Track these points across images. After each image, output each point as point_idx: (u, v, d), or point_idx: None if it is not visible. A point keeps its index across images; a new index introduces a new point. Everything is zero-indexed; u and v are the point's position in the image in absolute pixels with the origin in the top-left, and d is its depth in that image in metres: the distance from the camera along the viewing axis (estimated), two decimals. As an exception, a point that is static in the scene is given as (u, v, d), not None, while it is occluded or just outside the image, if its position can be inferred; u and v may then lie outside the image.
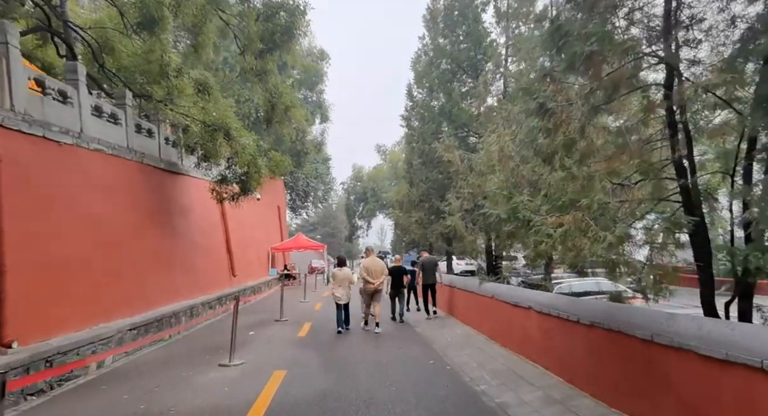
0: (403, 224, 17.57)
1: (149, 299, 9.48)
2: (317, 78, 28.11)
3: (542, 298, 5.78)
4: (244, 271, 18.36)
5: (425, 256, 11.19)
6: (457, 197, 9.04)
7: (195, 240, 13.21)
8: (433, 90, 12.07)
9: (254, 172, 11.78)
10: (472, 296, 8.70)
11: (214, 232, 15.29)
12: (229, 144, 11.24)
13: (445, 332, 8.99)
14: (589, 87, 4.40)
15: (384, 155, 46.02)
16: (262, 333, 9.74)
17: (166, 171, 11.92)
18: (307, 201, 38.81)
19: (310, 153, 29.48)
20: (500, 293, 7.08)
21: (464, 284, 9.47)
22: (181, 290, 11.42)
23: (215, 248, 15.00)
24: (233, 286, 16.03)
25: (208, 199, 12.57)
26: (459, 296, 9.75)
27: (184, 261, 12.06)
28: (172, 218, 11.85)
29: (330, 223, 62.61)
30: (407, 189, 13.19)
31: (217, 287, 14.11)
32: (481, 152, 8.42)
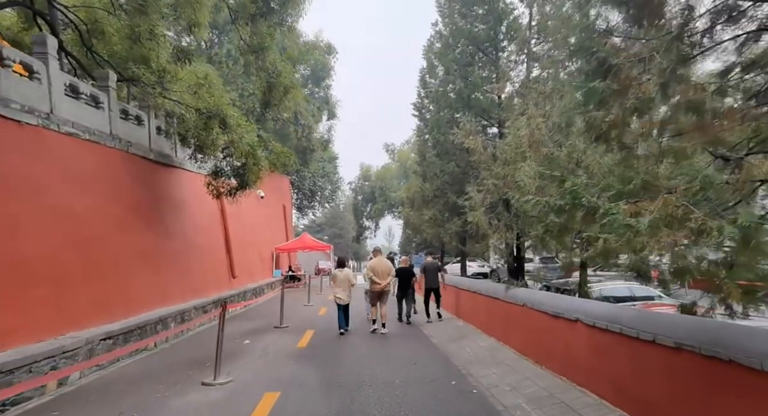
0: (414, 223, 16.46)
1: (132, 303, 8.47)
2: (324, 72, 27.14)
3: (596, 308, 4.64)
4: (245, 272, 17.36)
5: (427, 260, 11.10)
6: (479, 189, 7.92)
7: (190, 239, 12.22)
8: (450, 73, 10.91)
9: (253, 164, 10.75)
10: (496, 304, 7.56)
11: (212, 230, 14.30)
12: (226, 133, 10.23)
13: (466, 343, 7.86)
14: (678, 29, 3.27)
15: (393, 154, 44.93)
16: (258, 343, 8.69)
17: (157, 163, 10.94)
18: (314, 201, 37.83)
19: (316, 150, 28.49)
20: (536, 301, 5.94)
21: (486, 289, 8.34)
22: (172, 293, 10.41)
23: (213, 247, 14.01)
24: (232, 288, 15.02)
25: (205, 195, 11.58)
26: (480, 303, 8.62)
27: (177, 261, 11.06)
28: (163, 214, 10.86)
29: (337, 224, 61.69)
30: (419, 185, 12.11)
31: (214, 290, 13.10)
32: (508, 137, 7.29)
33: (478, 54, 10.46)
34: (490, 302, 7.95)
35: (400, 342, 8.51)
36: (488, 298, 8.09)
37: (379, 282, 9.24)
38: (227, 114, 10.24)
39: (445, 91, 11.06)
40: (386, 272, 9.42)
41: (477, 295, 8.87)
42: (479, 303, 8.71)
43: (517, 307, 6.56)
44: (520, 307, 6.44)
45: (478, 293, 8.77)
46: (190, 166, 12.24)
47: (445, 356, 7.21)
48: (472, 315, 9.33)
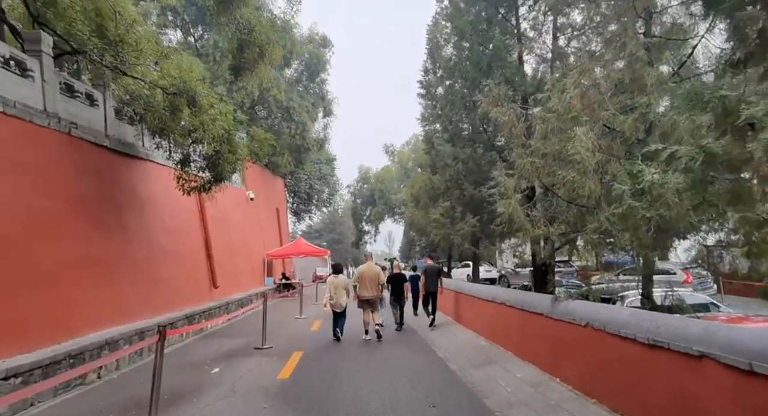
0: (419, 224, 14.67)
1: (67, 324, 6.66)
2: (319, 66, 25.46)
3: (745, 337, 2.81)
4: (231, 281, 15.53)
5: (428, 263, 10.83)
6: (508, 173, 6.15)
7: (159, 243, 10.42)
8: (465, 38, 9.09)
9: (228, 152, 8.98)
10: (537, 321, 5.76)
11: (189, 234, 12.50)
12: (195, 115, 8.47)
13: (496, 372, 6.03)
14: None
15: (392, 155, 43.17)
16: (229, 372, 6.85)
17: (116, 152, 9.17)
18: (311, 204, 36.02)
19: (311, 150, 26.72)
20: (612, 320, 4.11)
21: (518, 300, 6.53)
22: (132, 309, 8.60)
23: (189, 253, 12.20)
24: (214, 300, 13.18)
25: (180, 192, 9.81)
26: (511, 318, 6.80)
27: (139, 270, 9.26)
28: (122, 213, 9.08)
29: (336, 229, 59.94)
30: (427, 178, 10.36)
31: (189, 302, 11.27)
32: (551, 101, 5.54)
33: (496, 17, 8.73)
34: (526, 318, 6.14)
35: (409, 368, 6.69)
36: (522, 312, 6.27)
37: (366, 290, 8.96)
38: (197, 92, 8.50)
39: (460, 60, 9.25)
40: (374, 279, 9.08)
41: (503, 307, 7.06)
42: (508, 318, 6.90)
43: (576, 328, 4.75)
44: (582, 328, 4.63)
45: (506, 304, 6.96)
46: (160, 158, 10.48)
47: (471, 392, 5.38)
48: (496, 331, 7.51)
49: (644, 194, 4.29)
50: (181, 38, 24.28)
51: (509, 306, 6.79)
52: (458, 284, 10.93)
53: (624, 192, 4.30)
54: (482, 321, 8.32)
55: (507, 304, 6.90)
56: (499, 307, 7.22)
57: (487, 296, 7.98)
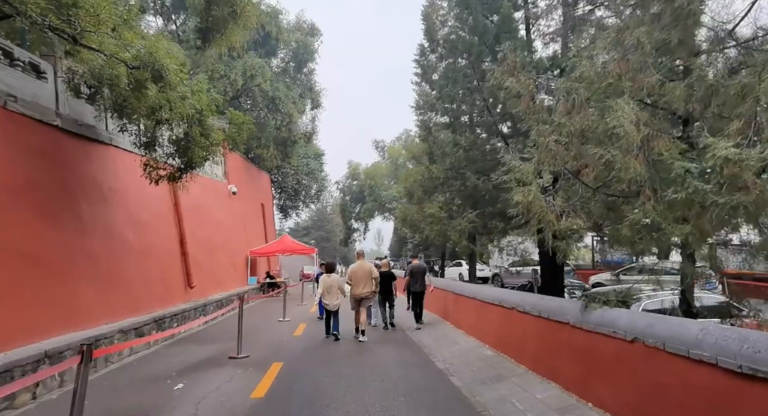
0: (412, 220, 13.69)
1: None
2: (307, 55, 24.30)
3: None
4: (209, 280, 14.42)
5: (415, 262, 10.62)
6: (524, 157, 5.22)
7: (124, 238, 9.30)
8: (468, 6, 8.05)
9: (200, 135, 7.90)
10: (561, 331, 4.84)
11: (161, 228, 11.37)
12: (161, 91, 7.37)
13: (509, 391, 5.10)
14: None
15: (382, 151, 42.15)
16: (195, 388, 5.82)
17: (70, 134, 8.04)
18: (298, 200, 34.83)
19: (298, 143, 25.56)
20: (688, 340, 3.16)
21: (534, 305, 5.60)
22: (88, 312, 7.50)
23: (161, 249, 11.07)
24: (189, 301, 12.07)
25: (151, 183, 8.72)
26: (526, 326, 5.87)
27: (99, 267, 8.14)
28: (79, 203, 7.95)
29: (324, 226, 58.85)
30: (424, 168, 9.41)
31: (160, 304, 10.16)
32: (579, 69, 4.62)
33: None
34: (546, 327, 5.21)
35: (406, 383, 5.73)
36: (540, 320, 5.35)
37: (359, 288, 8.83)
38: (164, 65, 7.39)
39: (463, 34, 8.24)
40: (366, 275, 8.91)
41: (514, 313, 6.13)
42: (521, 326, 5.97)
43: (618, 343, 3.83)
44: (627, 344, 3.71)
45: (518, 310, 6.03)
46: (127, 144, 9.34)
47: None
48: (505, 340, 6.59)
49: (712, 174, 3.39)
50: (162, 26, 22.95)
51: (522, 312, 5.86)
52: (457, 285, 10.01)
53: (687, 172, 3.38)
54: (486, 327, 7.39)
55: (519, 309, 5.96)
56: (510, 313, 6.29)
57: (493, 298, 7.04)
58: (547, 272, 8.46)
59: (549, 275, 8.40)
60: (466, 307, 8.59)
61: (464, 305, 8.75)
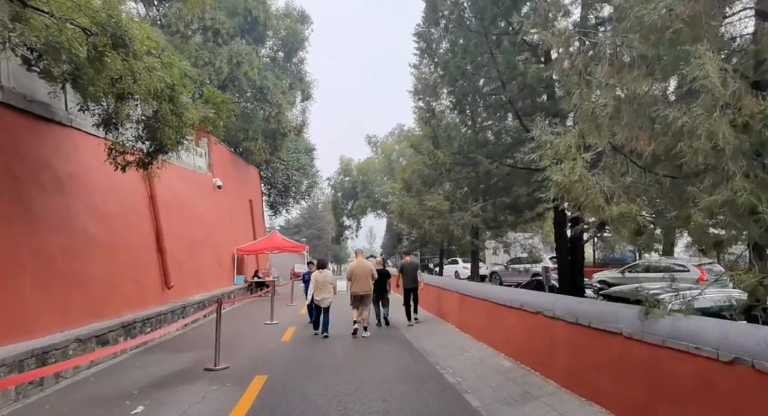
0: (410, 215, 12.72)
1: None
2: (297, 43, 23.16)
3: None
4: (191, 279, 13.33)
5: (407, 260, 10.64)
6: (556, 132, 4.26)
7: (87, 232, 8.21)
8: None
9: (171, 113, 6.83)
10: (610, 343, 3.90)
11: (134, 223, 10.26)
12: (125, 60, 6.28)
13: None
14: None
15: (375, 146, 41.09)
16: (157, 413, 4.79)
17: (16, 111, 6.93)
18: (288, 197, 33.70)
19: (288, 135, 24.42)
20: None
21: (567, 308, 4.66)
22: (34, 319, 6.41)
23: (133, 246, 9.97)
24: (166, 303, 10.99)
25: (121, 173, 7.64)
26: (555, 335, 4.93)
27: (52, 266, 7.05)
28: (28, 192, 6.85)
29: (316, 224, 57.74)
30: (429, 152, 8.43)
31: (131, 307, 9.09)
32: (630, 17, 3.66)
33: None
34: (587, 337, 4.27)
35: (413, 404, 4.76)
36: (578, 328, 4.40)
37: (359, 286, 8.80)
38: (126, 31, 6.31)
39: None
40: (366, 274, 8.91)
41: (541, 318, 5.19)
42: (550, 334, 5.02)
43: (700, 361, 2.90)
44: (721, 365, 2.76)
45: (545, 314, 5.08)
46: (91, 126, 8.22)
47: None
48: (529, 350, 5.64)
49: None
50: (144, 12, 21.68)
51: (551, 317, 4.90)
52: (463, 283, 9.07)
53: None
54: (502, 333, 6.44)
55: (547, 314, 5.01)
56: (534, 318, 5.34)
57: (510, 300, 6.09)
58: (565, 269, 7.53)
59: (568, 273, 7.47)
60: (474, 309, 7.65)
61: (471, 307, 7.81)
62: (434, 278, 12.48)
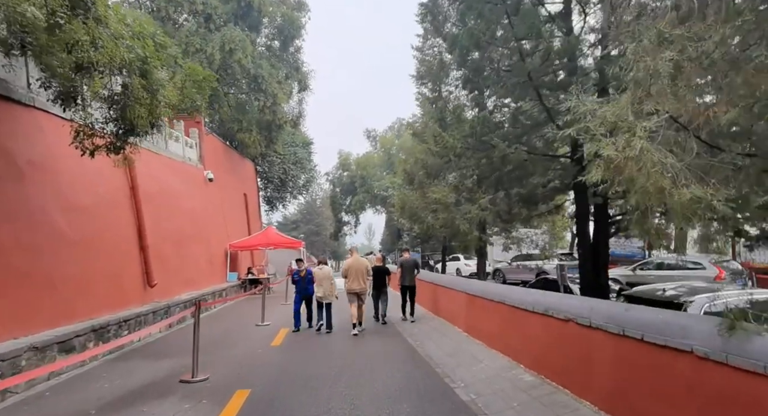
0: (412, 209, 11.90)
1: None
2: (293, 31, 22.20)
3: None
4: (178, 277, 12.50)
5: (405, 256, 10.53)
6: (598, 101, 3.41)
7: (54, 226, 7.36)
8: None
9: (142, 88, 5.96)
10: (675, 362, 3.09)
11: (111, 216, 9.41)
12: (85, 24, 5.40)
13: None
14: None
15: (374, 141, 40.12)
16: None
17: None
18: (285, 191, 32.80)
19: (284, 127, 23.48)
20: None
21: (610, 317, 3.84)
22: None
23: (110, 241, 9.12)
24: (148, 303, 10.16)
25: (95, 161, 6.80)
26: (593, 347, 4.12)
27: (10, 265, 6.20)
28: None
29: (314, 220, 56.93)
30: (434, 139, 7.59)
31: (105, 308, 8.26)
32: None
33: None
34: (637, 353, 3.46)
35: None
36: (625, 341, 3.59)
37: (355, 283, 8.93)
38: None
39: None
40: (361, 271, 9.00)
41: (574, 327, 4.37)
42: (586, 346, 4.21)
43: None
44: None
45: (577, 322, 4.25)
46: (58, 109, 7.35)
47: None
48: (557, 363, 4.82)
49: None
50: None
51: (588, 327, 4.08)
52: (472, 283, 8.26)
53: None
54: (521, 341, 5.62)
55: (581, 322, 4.18)
56: (564, 326, 4.51)
57: (532, 304, 5.26)
58: (587, 267, 6.70)
59: (590, 271, 6.64)
60: (485, 312, 6.83)
61: (482, 309, 6.99)
62: (438, 277, 11.67)
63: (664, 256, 16.73)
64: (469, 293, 7.58)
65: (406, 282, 9.93)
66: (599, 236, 6.66)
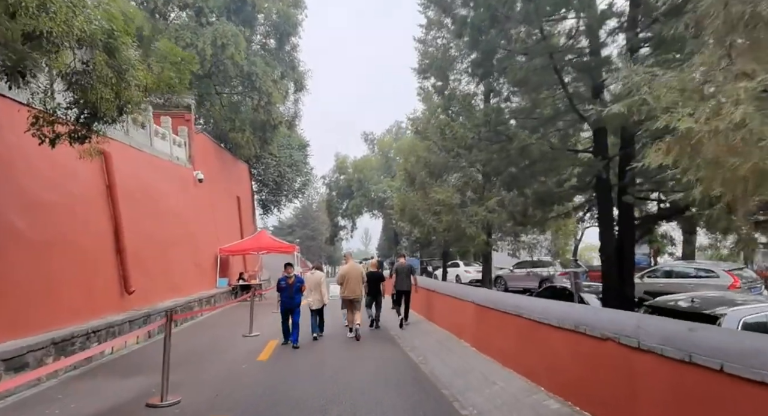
0: (412, 211, 11.12)
1: None
2: (289, 28, 21.49)
3: None
4: (161, 283, 11.65)
5: (401, 262, 10.40)
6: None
7: (7, 225, 6.53)
8: None
9: (106, 66, 5.18)
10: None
11: (82, 215, 8.58)
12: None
13: None
14: None
15: (372, 144, 39.41)
16: None
17: None
18: (280, 195, 31.99)
19: (279, 128, 22.68)
20: None
21: (665, 335, 3.04)
22: None
23: (81, 243, 8.29)
24: (127, 310, 9.31)
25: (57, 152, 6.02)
26: (653, 375, 3.32)
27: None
28: None
29: (310, 224, 56.02)
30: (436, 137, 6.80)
31: (71, 317, 7.41)
32: None
33: None
34: (713, 386, 2.69)
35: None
36: (691, 369, 2.82)
37: (351, 290, 8.81)
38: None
39: None
40: (357, 278, 8.96)
41: (611, 346, 3.60)
42: (627, 370, 3.43)
43: None
44: None
45: (620, 342, 3.48)
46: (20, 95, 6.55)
47: None
48: (583, 387, 4.03)
49: None
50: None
51: (635, 349, 3.29)
52: (480, 293, 7.46)
53: None
54: (542, 361, 4.83)
55: (626, 342, 3.40)
56: (599, 345, 3.73)
57: (556, 318, 4.47)
58: (612, 275, 5.91)
59: (615, 279, 5.86)
60: (498, 325, 6.04)
61: (495, 323, 6.19)
62: (442, 284, 10.90)
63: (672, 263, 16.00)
64: (478, 304, 6.79)
65: (400, 287, 9.94)
66: (624, 241, 5.88)
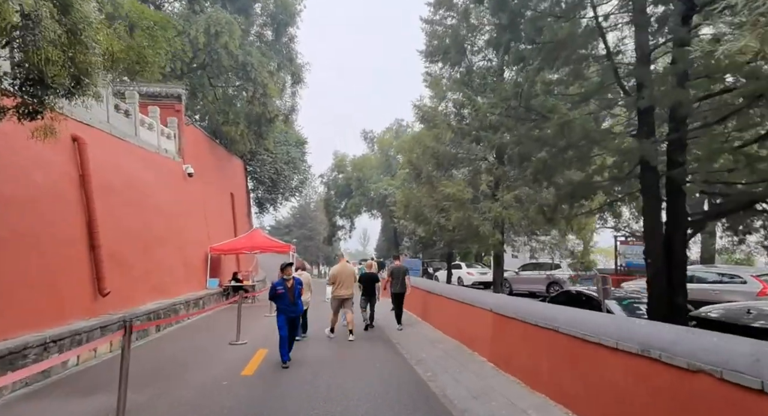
0: (417, 208, 10.18)
1: None
2: (287, 18, 20.55)
3: None
4: (142, 283, 10.68)
5: (396, 263, 10.45)
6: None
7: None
8: None
9: (51, 22, 4.23)
10: None
11: (49, 210, 7.61)
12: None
13: None
14: None
15: (371, 142, 38.43)
16: None
17: None
18: (277, 193, 31.01)
19: (275, 122, 21.72)
20: None
21: None
22: None
23: (42, 240, 7.32)
24: (98, 314, 8.34)
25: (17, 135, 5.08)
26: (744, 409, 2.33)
27: None
28: None
29: (307, 224, 55.03)
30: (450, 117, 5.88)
31: (29, 324, 6.44)
32: None
33: None
34: None
35: None
36: None
37: (343, 289, 8.73)
38: None
39: None
40: (349, 278, 8.89)
41: (701, 379, 2.67)
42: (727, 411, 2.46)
43: None
44: None
45: (723, 377, 2.51)
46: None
47: None
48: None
49: None
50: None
51: (760, 392, 2.35)
52: (500, 299, 6.52)
53: None
54: (585, 388, 3.89)
55: (735, 381, 2.46)
56: (688, 379, 2.79)
57: (610, 336, 3.53)
58: (660, 280, 4.96)
59: (664, 286, 4.92)
60: (525, 339, 5.10)
61: (520, 335, 5.25)
62: (450, 289, 9.97)
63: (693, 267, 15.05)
64: (497, 313, 5.85)
65: (396, 289, 9.97)
66: (674, 241, 4.93)
